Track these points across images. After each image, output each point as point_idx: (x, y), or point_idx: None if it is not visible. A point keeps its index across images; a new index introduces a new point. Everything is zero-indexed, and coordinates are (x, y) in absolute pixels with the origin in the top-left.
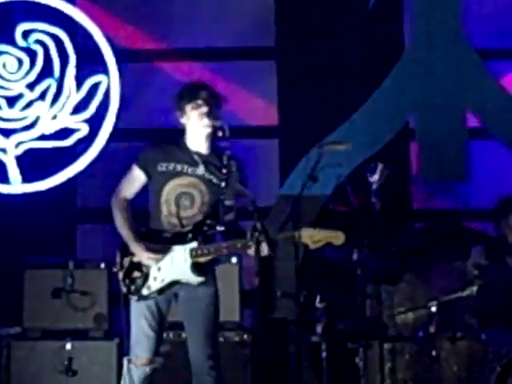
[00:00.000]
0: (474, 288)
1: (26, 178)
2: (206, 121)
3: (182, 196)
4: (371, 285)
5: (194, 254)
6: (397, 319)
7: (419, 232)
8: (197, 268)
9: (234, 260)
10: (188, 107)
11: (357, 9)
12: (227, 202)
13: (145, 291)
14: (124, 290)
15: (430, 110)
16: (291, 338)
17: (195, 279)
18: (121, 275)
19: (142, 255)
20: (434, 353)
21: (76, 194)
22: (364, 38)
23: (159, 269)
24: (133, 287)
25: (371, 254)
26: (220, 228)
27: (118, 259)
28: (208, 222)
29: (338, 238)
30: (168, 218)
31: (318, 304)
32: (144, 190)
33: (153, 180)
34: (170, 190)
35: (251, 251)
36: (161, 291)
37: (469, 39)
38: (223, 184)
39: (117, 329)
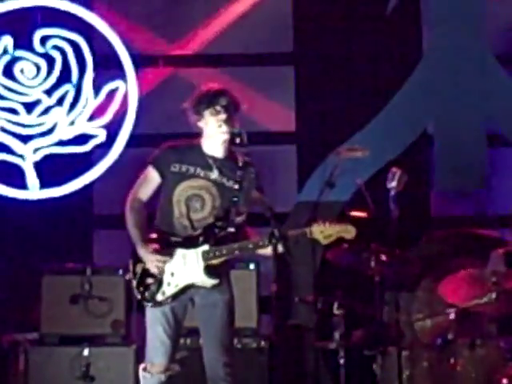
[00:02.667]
0: (493, 295)
1: (44, 184)
2: (225, 128)
3: (192, 198)
4: (389, 291)
5: (206, 256)
6: (415, 326)
7: (437, 238)
8: (210, 270)
9: (251, 266)
10: (206, 113)
11: (375, 14)
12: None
13: (159, 297)
14: (138, 297)
15: (449, 116)
16: (309, 344)
17: (209, 282)
18: (134, 283)
19: (147, 258)
20: (452, 360)
21: (93, 199)
22: (382, 43)
23: (172, 274)
24: (147, 294)
25: (389, 261)
26: (231, 230)
27: (130, 267)
28: (218, 224)
29: (348, 231)
30: (179, 219)
31: (335, 311)
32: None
33: (166, 181)
34: (181, 191)
35: (263, 251)
36: (175, 296)
37: (489, 46)
38: (236, 186)
39: (134, 335)
